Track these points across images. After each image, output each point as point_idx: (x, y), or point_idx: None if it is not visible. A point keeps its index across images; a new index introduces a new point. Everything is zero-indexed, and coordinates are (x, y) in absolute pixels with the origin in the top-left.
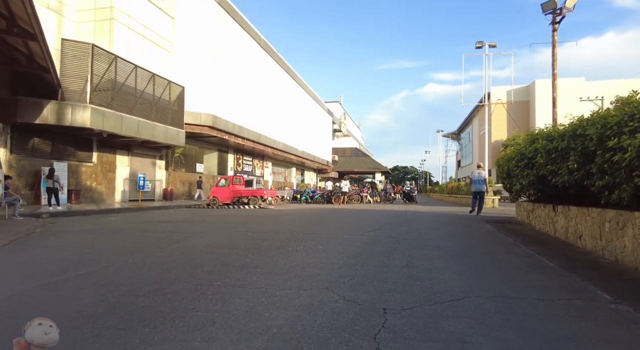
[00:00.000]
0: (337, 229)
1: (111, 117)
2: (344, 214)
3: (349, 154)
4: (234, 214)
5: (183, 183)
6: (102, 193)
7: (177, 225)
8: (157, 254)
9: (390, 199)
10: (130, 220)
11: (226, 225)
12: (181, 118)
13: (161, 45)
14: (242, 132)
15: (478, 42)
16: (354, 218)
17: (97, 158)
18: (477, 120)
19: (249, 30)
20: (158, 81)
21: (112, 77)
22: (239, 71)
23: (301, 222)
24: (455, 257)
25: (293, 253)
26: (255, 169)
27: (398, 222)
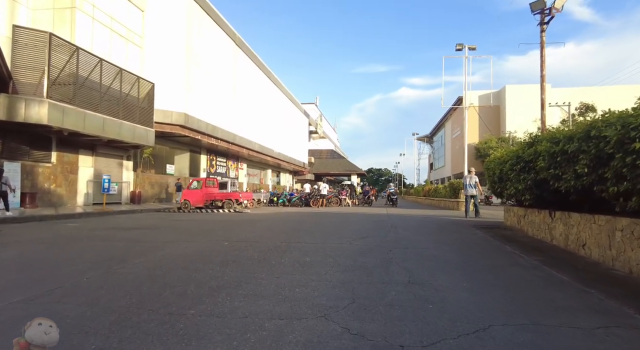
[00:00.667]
0: (322, 236)
1: (72, 113)
2: (325, 218)
3: (325, 156)
4: (208, 218)
5: (152, 185)
6: (62, 196)
7: (145, 232)
8: (119, 271)
9: (369, 201)
10: (91, 227)
11: (199, 232)
12: (151, 116)
13: (131, 40)
14: (216, 132)
15: (458, 45)
16: (337, 223)
17: (56, 158)
18: (450, 124)
19: (223, 26)
20: (126, 77)
21: (74, 70)
22: (214, 69)
23: (282, 228)
24: (457, 270)
25: (277, 267)
26: (229, 171)
27: (384, 227)
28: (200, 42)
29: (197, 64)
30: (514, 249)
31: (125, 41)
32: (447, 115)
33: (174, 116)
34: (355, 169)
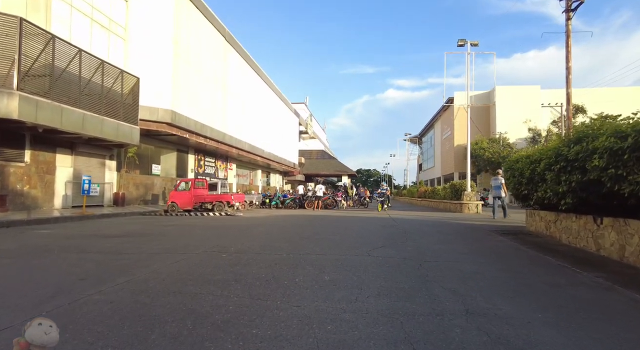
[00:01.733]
0: (332, 245)
1: (48, 108)
2: (327, 222)
3: (315, 157)
4: (198, 223)
5: (137, 186)
6: (37, 198)
7: (128, 241)
8: (93, 297)
9: (365, 203)
10: (67, 234)
11: (191, 240)
12: (135, 113)
13: (113, 31)
14: (205, 130)
15: (460, 40)
16: (342, 229)
17: (30, 157)
18: (440, 125)
19: (213, 21)
20: (109, 70)
21: (50, 61)
22: (203, 65)
23: (283, 235)
24: (515, 292)
25: (293, 289)
26: (218, 171)
27: (397, 234)
28: (188, 36)
29: (185, 59)
30: (559, 261)
31: (108, 32)
32: (437, 116)
33: (161, 113)
34: (346, 169)
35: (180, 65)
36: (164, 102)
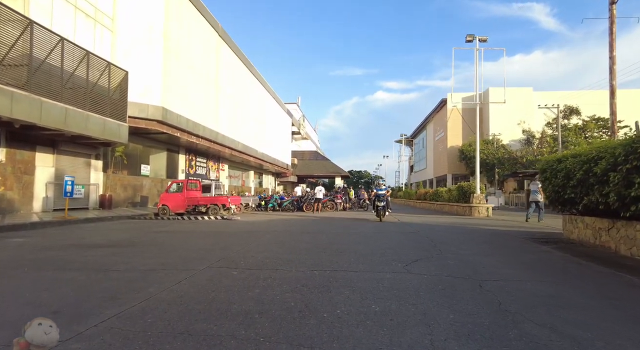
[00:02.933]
0: (360, 258)
1: (25, 101)
2: (337, 228)
3: (307, 157)
4: (194, 229)
5: (125, 188)
6: (13, 201)
7: (116, 252)
8: (70, 348)
9: (365, 205)
10: (44, 244)
11: (191, 251)
12: (123, 109)
13: (99, 21)
14: (197, 129)
15: (468, 35)
16: (359, 235)
17: (6, 155)
18: (432, 126)
19: (205, 14)
20: (94, 62)
21: (27, 49)
22: (194, 60)
23: (296, 244)
24: (636, 331)
25: (340, 328)
26: (210, 172)
27: (425, 243)
28: (179, 30)
29: (177, 54)
30: None
31: (93, 22)
32: (429, 118)
33: (151, 110)
34: (339, 170)
35: (171, 60)
36: (154, 99)
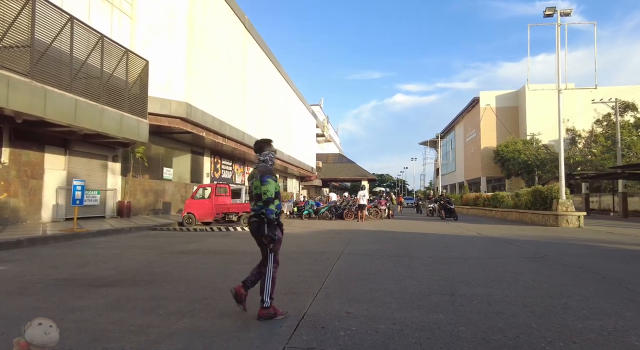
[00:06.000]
0: (533, 317)
1: (25, 89)
2: (426, 246)
3: (332, 161)
4: (232, 247)
5: (146, 193)
6: (18, 210)
7: (121, 301)
8: None
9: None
10: (23, 278)
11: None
12: (144, 104)
13: (118, 6)
14: (223, 128)
15: (548, 9)
16: (460, 262)
17: (9, 156)
18: (462, 127)
19: (232, 5)
20: (110, 49)
21: (29, 28)
22: (220, 53)
23: (401, 282)
24: None
25: None
26: (235, 176)
27: (575, 275)
28: (204, 17)
29: (201, 45)
30: None
31: (111, 7)
32: (458, 118)
33: (174, 106)
34: (365, 173)
35: (195, 51)
36: (177, 94)
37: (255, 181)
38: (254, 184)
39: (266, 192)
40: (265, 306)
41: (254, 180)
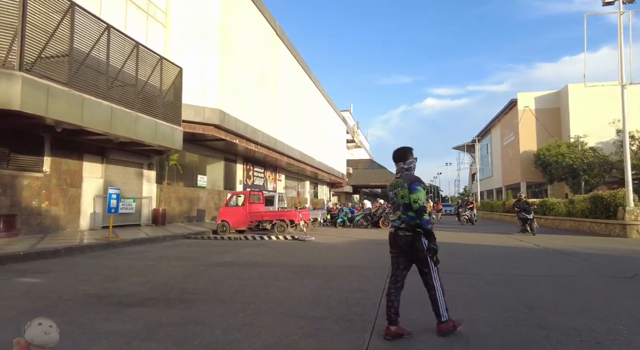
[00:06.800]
0: None
1: (63, 97)
2: (467, 257)
3: (362, 166)
4: (270, 258)
5: (180, 201)
6: (58, 218)
7: (151, 324)
8: None
9: (432, 220)
10: (67, 287)
11: (289, 326)
12: (178, 111)
13: (152, 15)
14: (256, 135)
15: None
16: (532, 282)
17: (50, 165)
18: (499, 130)
19: (263, 10)
20: (145, 56)
21: (67, 36)
22: (252, 60)
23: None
24: None
25: None
26: (267, 183)
27: None
28: (236, 25)
29: (233, 52)
30: None
31: (146, 16)
32: (495, 121)
33: (207, 113)
34: None
35: (227, 57)
36: (211, 101)
37: (402, 190)
38: (399, 193)
39: (417, 201)
40: (444, 320)
41: (398, 189)
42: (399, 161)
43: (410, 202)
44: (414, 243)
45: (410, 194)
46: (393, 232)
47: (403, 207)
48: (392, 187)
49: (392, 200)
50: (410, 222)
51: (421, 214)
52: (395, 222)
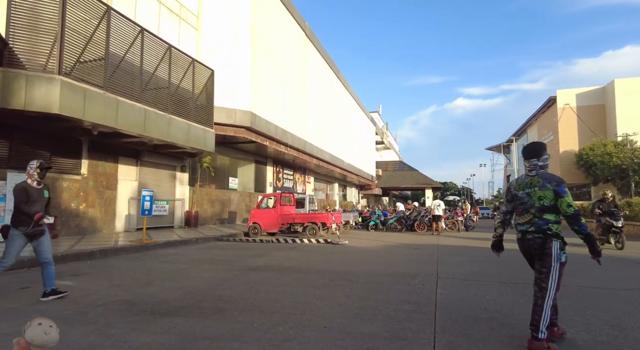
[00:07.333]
0: None
1: (99, 100)
2: (518, 265)
3: (392, 168)
4: (305, 263)
5: (212, 203)
6: (95, 220)
7: (193, 330)
8: None
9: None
10: (99, 292)
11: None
12: (210, 113)
13: (184, 18)
14: (286, 137)
15: None
16: (606, 295)
17: (88, 168)
18: (536, 129)
19: (293, 12)
20: (177, 58)
21: (103, 40)
22: (281, 61)
23: (511, 312)
24: None
25: None
26: (296, 185)
27: None
28: (266, 26)
29: (264, 53)
30: None
31: (178, 20)
32: (531, 120)
33: (238, 116)
34: (429, 181)
35: (258, 59)
36: (242, 103)
37: (541, 190)
38: (535, 194)
39: (571, 205)
40: (540, 337)
41: (535, 189)
42: (532, 157)
43: (561, 206)
44: (545, 245)
45: (559, 197)
46: (521, 238)
47: (537, 210)
48: (523, 186)
49: (521, 201)
50: (542, 226)
51: (578, 218)
52: (523, 226)
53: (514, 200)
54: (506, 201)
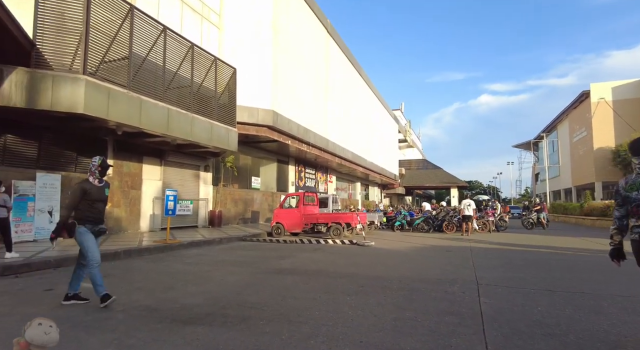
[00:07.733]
0: None
1: (123, 99)
2: (559, 268)
3: (415, 167)
4: (327, 266)
5: (235, 202)
6: (120, 220)
7: (216, 342)
8: None
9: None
10: (121, 295)
11: (365, 348)
12: (232, 112)
13: (207, 17)
14: (308, 136)
15: None
16: None
17: (113, 168)
18: (567, 125)
19: (314, 9)
20: (200, 57)
21: (127, 40)
22: (303, 59)
23: (569, 325)
24: None
25: None
26: (318, 184)
27: None
28: (288, 24)
29: (285, 51)
30: None
31: (200, 18)
32: (562, 116)
33: (261, 114)
34: (455, 180)
35: (279, 57)
36: (264, 102)
37: None
38: None
39: None
40: None
41: None
42: None
43: None
44: None
45: None
46: (637, 240)
47: None
48: (635, 187)
49: (637, 203)
50: None
51: None
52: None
53: (626, 203)
54: (617, 206)
